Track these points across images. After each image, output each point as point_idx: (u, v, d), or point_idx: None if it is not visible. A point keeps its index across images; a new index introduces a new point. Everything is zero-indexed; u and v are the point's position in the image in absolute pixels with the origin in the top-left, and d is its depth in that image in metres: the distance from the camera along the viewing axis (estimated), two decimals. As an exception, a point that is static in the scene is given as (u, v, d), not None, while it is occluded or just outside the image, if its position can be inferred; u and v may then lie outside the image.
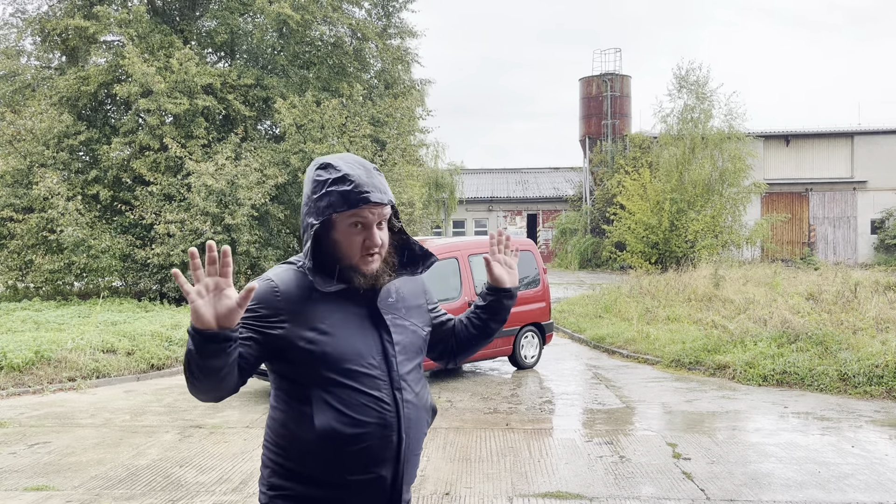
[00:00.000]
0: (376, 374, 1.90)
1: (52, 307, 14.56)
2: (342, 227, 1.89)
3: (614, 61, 36.29)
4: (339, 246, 1.90)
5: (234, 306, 1.65)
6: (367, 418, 1.86)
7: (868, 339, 9.74)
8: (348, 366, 1.87)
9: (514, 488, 5.37)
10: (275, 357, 1.89)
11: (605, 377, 9.88)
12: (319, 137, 17.47)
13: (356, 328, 1.91)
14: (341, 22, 20.20)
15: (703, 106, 26.37)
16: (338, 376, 1.85)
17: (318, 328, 1.86)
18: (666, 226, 24.45)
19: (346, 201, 1.86)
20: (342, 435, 1.84)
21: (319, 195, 1.89)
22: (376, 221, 1.90)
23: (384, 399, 1.89)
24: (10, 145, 17.06)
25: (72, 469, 5.89)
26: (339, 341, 1.87)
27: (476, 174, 42.90)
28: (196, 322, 1.64)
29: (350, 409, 1.85)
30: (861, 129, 33.95)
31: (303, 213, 1.97)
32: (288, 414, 1.90)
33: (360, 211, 1.87)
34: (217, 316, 1.64)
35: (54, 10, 19.70)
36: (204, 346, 1.65)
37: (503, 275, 2.21)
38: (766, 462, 5.97)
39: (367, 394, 1.87)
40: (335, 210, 1.86)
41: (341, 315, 1.90)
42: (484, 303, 2.22)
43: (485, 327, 2.22)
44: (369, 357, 1.90)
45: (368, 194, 1.86)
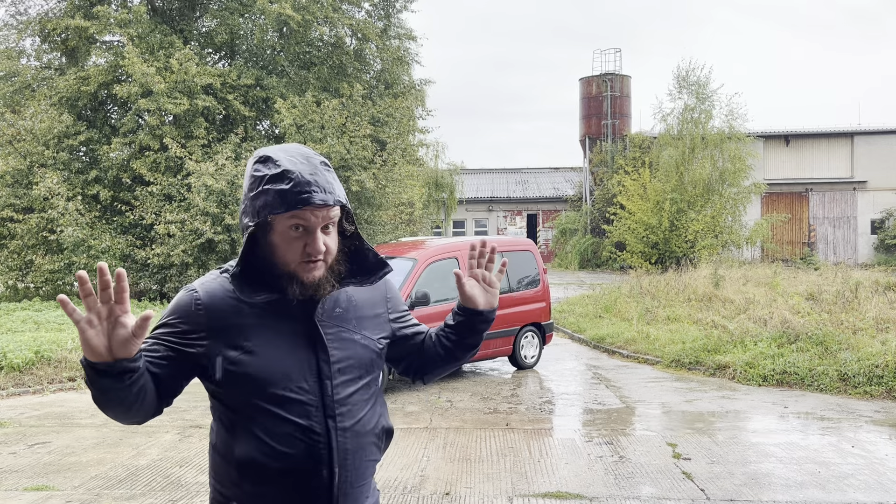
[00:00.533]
0: (306, 400, 1.68)
1: (52, 307, 14.56)
2: (280, 230, 1.66)
3: (614, 61, 36.31)
4: (276, 250, 1.68)
5: (128, 336, 1.46)
6: (291, 450, 1.66)
7: (868, 339, 9.74)
8: (274, 390, 1.66)
9: (514, 488, 5.37)
10: (199, 375, 1.72)
11: (605, 377, 9.88)
12: (319, 137, 17.47)
13: (287, 346, 1.70)
14: (341, 22, 20.20)
15: (703, 106, 26.38)
16: (262, 402, 1.66)
17: (241, 346, 1.66)
18: (666, 226, 24.45)
19: (284, 202, 1.61)
20: (263, 468, 1.67)
21: (255, 193, 1.66)
22: (320, 225, 1.66)
23: (313, 428, 1.67)
24: (10, 145, 17.06)
25: (72, 469, 5.89)
26: (265, 362, 1.67)
27: (476, 174, 42.91)
28: (87, 354, 1.46)
29: (273, 440, 1.66)
30: (861, 129, 33.95)
31: (240, 212, 1.74)
32: (217, 438, 1.76)
33: (301, 213, 1.63)
34: (109, 346, 1.46)
35: (54, 11, 19.71)
36: (97, 380, 1.48)
37: (476, 295, 1.90)
38: (766, 462, 5.97)
39: (293, 422, 1.66)
40: (272, 211, 1.62)
41: (271, 332, 1.69)
42: (453, 322, 1.94)
43: (453, 349, 1.96)
44: (300, 380, 1.68)
45: (310, 195, 1.62)
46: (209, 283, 1.73)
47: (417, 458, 6.14)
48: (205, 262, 15.92)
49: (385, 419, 1.87)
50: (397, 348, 1.95)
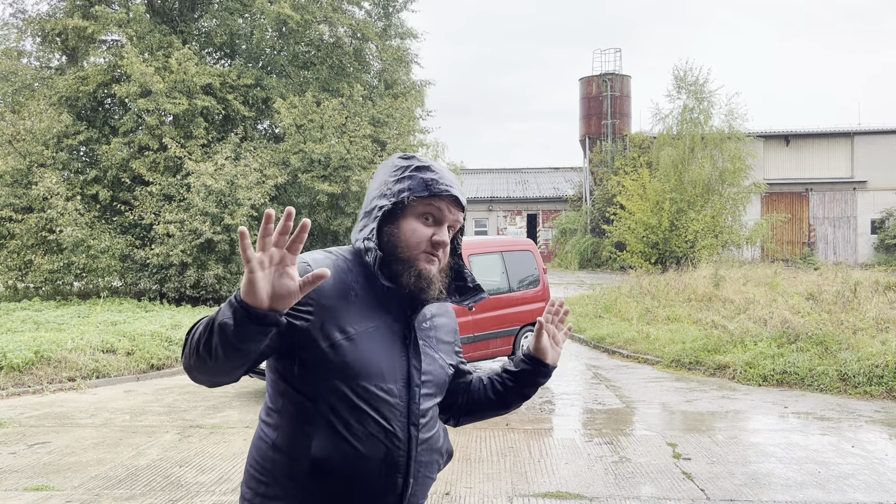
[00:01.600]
0: (394, 403, 1.63)
1: (52, 307, 14.56)
2: (412, 215, 1.68)
3: (614, 61, 36.31)
4: (401, 235, 1.67)
5: (294, 289, 1.38)
6: (372, 452, 1.60)
7: (868, 339, 9.74)
8: (366, 384, 1.60)
9: (514, 488, 5.37)
10: (286, 353, 1.62)
11: (605, 377, 9.87)
12: (319, 137, 17.47)
13: (386, 343, 1.66)
14: (341, 22, 20.21)
15: (702, 106, 26.38)
16: (351, 393, 1.59)
17: (345, 331, 1.60)
18: (666, 226, 24.45)
19: (427, 188, 1.67)
20: (339, 466, 1.59)
21: (398, 178, 1.70)
22: (449, 223, 1.70)
23: (397, 433, 1.63)
24: (10, 145, 17.06)
25: (72, 469, 5.89)
26: (365, 352, 1.61)
27: (476, 174, 42.91)
28: (247, 297, 1.36)
29: (355, 438, 1.59)
30: (861, 129, 33.95)
31: (369, 198, 1.75)
32: (281, 435, 1.64)
33: (438, 202, 1.68)
34: (273, 295, 1.37)
35: (54, 10, 19.71)
36: (246, 326, 1.38)
37: (549, 348, 1.95)
38: (766, 462, 5.96)
39: (377, 422, 1.60)
40: (413, 194, 1.66)
41: (373, 324, 1.65)
42: (516, 369, 1.95)
43: (506, 396, 1.95)
44: (391, 380, 1.64)
45: (452, 188, 1.69)
46: (320, 259, 1.66)
47: (417, 458, 6.12)
48: (204, 262, 15.92)
49: (448, 440, 1.84)
50: (451, 383, 1.90)
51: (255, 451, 1.70)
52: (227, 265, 16.26)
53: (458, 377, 1.94)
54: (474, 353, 9.59)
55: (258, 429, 1.72)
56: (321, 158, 17.40)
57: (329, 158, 17.34)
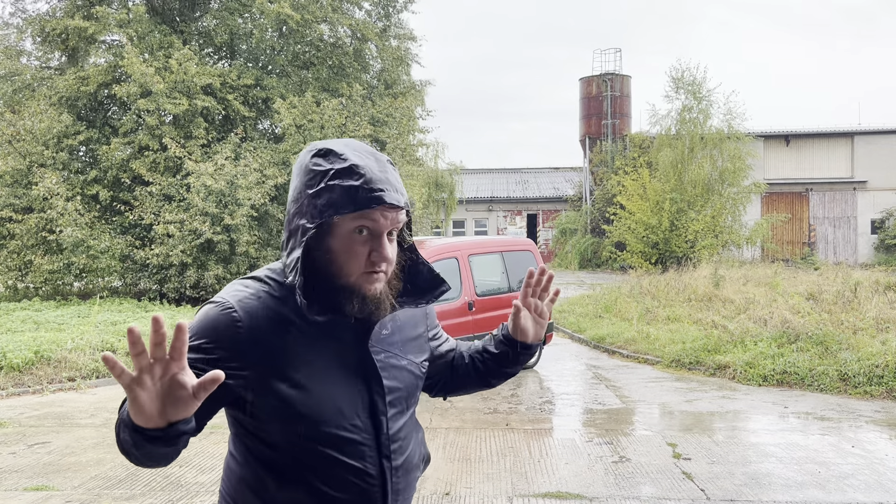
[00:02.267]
0: (360, 439, 1.49)
1: (52, 307, 14.55)
2: (342, 233, 1.44)
3: (614, 61, 36.31)
4: (334, 258, 1.45)
5: (188, 397, 1.19)
6: (344, 495, 1.47)
7: (868, 339, 9.74)
8: (326, 429, 1.45)
9: (514, 488, 5.37)
10: (231, 405, 1.47)
11: (605, 377, 9.87)
12: (319, 137, 17.47)
13: (339, 378, 1.48)
14: (341, 22, 20.21)
15: (700, 106, 26.38)
16: (313, 442, 1.45)
17: (291, 379, 1.43)
18: (666, 226, 24.45)
19: (353, 200, 1.41)
20: None
21: (316, 190, 1.43)
22: (388, 229, 1.46)
23: (368, 471, 1.49)
24: (10, 145, 17.06)
25: (71, 469, 5.89)
26: (317, 397, 1.44)
27: (476, 174, 42.90)
28: (136, 419, 1.20)
29: (325, 485, 1.46)
30: (861, 129, 33.94)
31: (290, 212, 1.50)
32: (247, 470, 1.51)
33: (371, 213, 1.43)
34: (163, 410, 1.20)
35: (54, 10, 19.71)
36: (143, 445, 1.24)
37: (528, 327, 1.75)
38: (767, 462, 5.96)
39: (346, 465, 1.47)
40: (337, 211, 1.41)
41: (321, 360, 1.47)
42: (496, 351, 1.78)
43: (487, 376, 1.81)
44: (353, 417, 1.48)
45: (382, 193, 1.42)
46: (246, 298, 1.45)
47: (417, 458, 6.12)
48: (204, 263, 15.91)
49: (424, 446, 1.70)
50: (430, 367, 1.76)
51: (226, 478, 1.58)
52: (227, 265, 16.26)
53: (439, 359, 1.79)
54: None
55: (227, 455, 1.58)
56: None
57: (329, 158, 17.33)
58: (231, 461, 1.56)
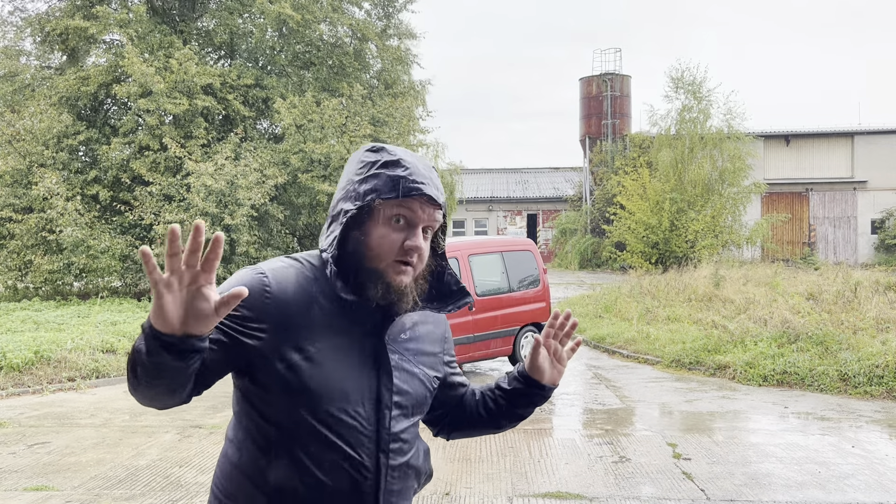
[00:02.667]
0: (360, 427, 1.48)
1: (52, 307, 14.56)
2: (381, 219, 1.50)
3: (614, 61, 36.31)
4: (369, 242, 1.50)
5: (210, 312, 1.23)
6: (336, 483, 1.47)
7: (868, 339, 9.73)
8: (329, 408, 1.46)
9: (514, 488, 5.37)
10: (241, 371, 1.49)
11: (605, 377, 9.87)
12: (319, 137, 17.47)
13: (352, 362, 1.50)
14: (341, 22, 20.21)
15: (700, 106, 26.38)
16: (313, 419, 1.45)
17: (305, 351, 1.45)
18: (666, 226, 24.45)
19: (395, 188, 1.48)
20: (301, 500, 1.47)
21: (364, 177, 1.52)
22: (424, 224, 1.51)
23: (364, 462, 1.48)
24: (10, 145, 17.06)
25: (71, 469, 5.88)
26: (327, 374, 1.46)
27: (476, 174, 42.90)
28: (156, 321, 1.23)
29: (318, 468, 1.46)
30: (861, 129, 33.94)
31: (336, 198, 1.57)
32: (243, 453, 1.52)
33: (409, 203, 1.49)
34: (185, 319, 1.23)
35: (54, 10, 19.71)
36: (158, 353, 1.25)
37: (545, 368, 1.72)
38: (767, 462, 5.96)
39: (342, 450, 1.46)
40: (380, 195, 1.48)
41: (338, 341, 1.49)
42: (508, 387, 1.75)
43: (498, 416, 1.77)
44: (357, 403, 1.48)
45: (423, 185, 1.50)
46: (280, 269, 1.50)
47: (417, 458, 6.12)
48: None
49: (428, 462, 1.68)
50: (439, 395, 1.74)
51: (219, 470, 1.58)
52: (227, 266, 16.25)
53: (450, 389, 1.77)
54: (475, 353, 9.59)
55: (224, 446, 1.59)
56: (321, 158, 17.41)
57: (329, 158, 17.34)
58: (228, 448, 1.56)
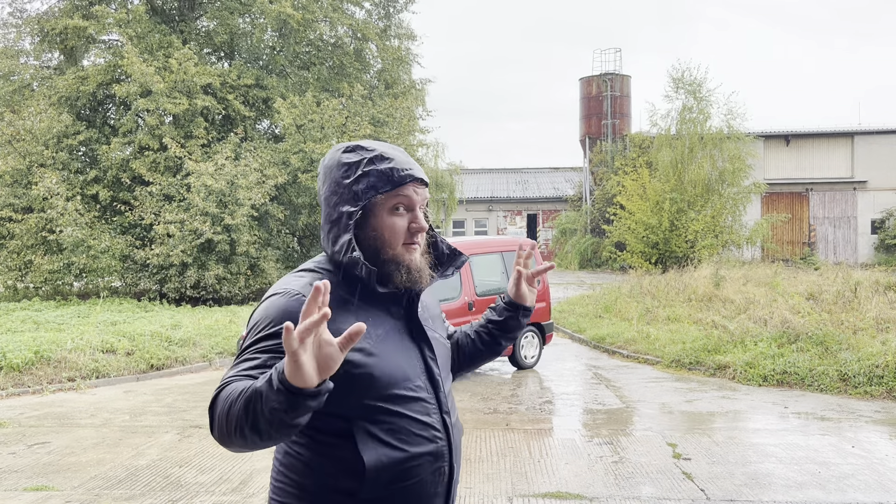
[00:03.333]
0: (424, 397, 1.65)
1: (52, 307, 14.56)
2: (382, 213, 1.64)
3: (614, 61, 36.30)
4: (379, 234, 1.63)
5: (337, 353, 1.28)
6: (420, 449, 1.61)
7: (868, 339, 9.73)
8: (396, 390, 1.60)
9: (514, 488, 5.37)
10: None
11: (605, 377, 9.87)
12: (319, 137, 17.47)
13: (399, 344, 1.65)
14: (341, 22, 20.21)
15: (700, 106, 26.37)
16: (385, 403, 1.58)
17: (360, 348, 1.55)
18: (666, 226, 24.44)
19: (390, 180, 1.62)
20: (395, 472, 1.57)
21: (354, 178, 1.62)
22: (420, 204, 1.67)
23: (435, 425, 1.65)
24: (10, 145, 17.06)
25: (71, 469, 5.88)
26: (386, 361, 1.59)
27: (476, 174, 42.90)
28: (296, 381, 1.26)
29: (401, 441, 1.59)
30: (861, 129, 33.94)
31: (331, 204, 1.67)
32: (317, 450, 1.59)
33: (405, 189, 1.64)
34: (318, 369, 1.28)
35: (53, 10, 19.71)
36: (302, 406, 1.29)
37: (527, 292, 2.03)
38: (767, 462, 5.96)
39: (418, 420, 1.62)
40: (378, 191, 1.61)
41: (382, 330, 1.62)
42: (500, 318, 2.02)
43: (495, 343, 2.04)
44: (416, 378, 1.65)
45: (412, 171, 1.65)
46: (306, 283, 1.60)
47: (417, 458, 6.12)
48: (204, 263, 15.91)
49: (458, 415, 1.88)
50: None
51: (283, 467, 1.65)
52: (228, 265, 16.25)
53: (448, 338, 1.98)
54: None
55: (280, 454, 1.67)
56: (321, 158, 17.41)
57: (329, 158, 17.34)
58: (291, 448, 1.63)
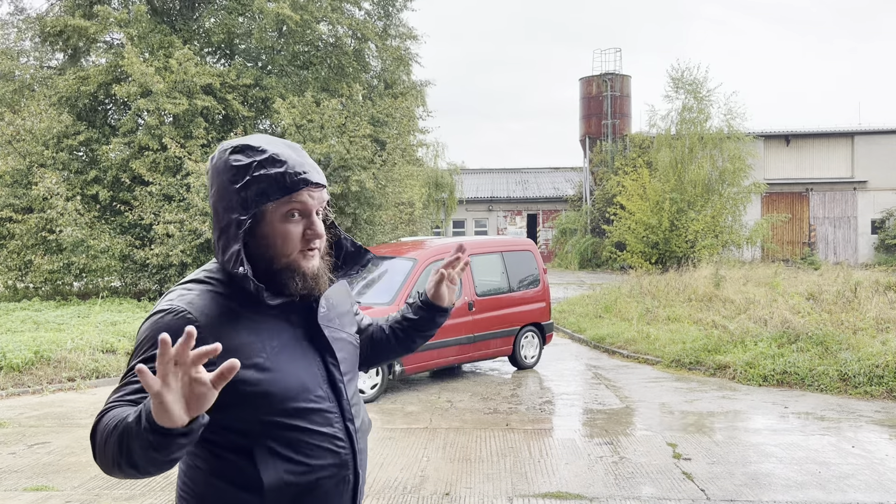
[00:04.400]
0: (326, 407, 1.59)
1: (52, 307, 14.55)
2: (275, 219, 1.53)
3: (614, 61, 36.30)
4: (271, 242, 1.54)
5: (209, 390, 1.22)
6: (323, 461, 1.57)
7: (868, 339, 9.73)
8: (294, 404, 1.53)
9: (514, 488, 5.37)
10: None
11: (605, 377, 9.87)
12: (319, 137, 17.47)
13: (297, 355, 1.57)
14: (341, 22, 20.20)
15: (700, 106, 26.37)
16: (283, 418, 1.52)
17: (256, 364, 1.49)
18: (666, 226, 24.45)
19: (282, 186, 1.50)
20: (297, 487, 1.54)
21: (243, 183, 1.51)
22: (316, 208, 1.56)
23: (338, 435, 1.60)
24: (10, 145, 17.05)
25: (71, 469, 5.88)
26: (281, 375, 1.52)
27: (476, 174, 42.90)
28: (161, 420, 1.21)
29: (303, 455, 1.54)
30: (861, 129, 33.95)
31: (218, 210, 1.56)
32: (220, 461, 1.53)
33: (299, 195, 1.52)
34: (187, 407, 1.22)
35: (53, 9, 19.70)
36: (172, 445, 1.24)
37: (445, 293, 1.97)
38: (767, 462, 5.96)
39: (319, 433, 1.56)
40: (269, 198, 1.50)
41: (277, 341, 1.55)
42: (415, 316, 1.97)
43: (409, 340, 1.99)
44: (316, 388, 1.58)
45: (307, 174, 1.53)
46: (195, 300, 1.51)
47: (417, 458, 6.13)
48: (204, 262, 15.89)
49: (366, 412, 1.83)
50: None
51: (186, 478, 1.60)
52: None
53: (362, 333, 1.95)
54: (474, 353, 9.58)
55: (182, 466, 1.61)
56: (321, 158, 17.40)
57: (329, 158, 17.34)
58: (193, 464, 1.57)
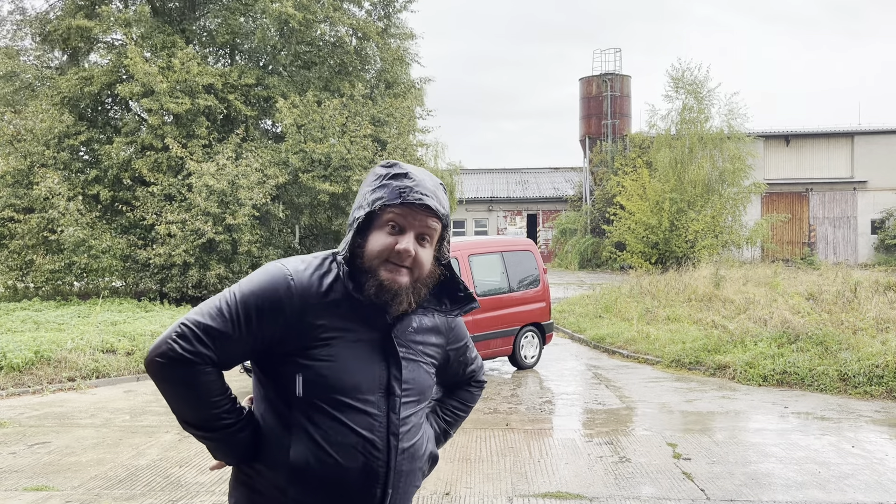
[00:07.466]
0: (373, 413, 1.65)
1: (52, 307, 14.56)
2: (378, 224, 1.67)
3: (614, 61, 36.29)
4: (367, 242, 1.67)
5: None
6: (350, 462, 1.62)
7: (868, 339, 9.73)
8: (341, 397, 1.62)
9: (514, 488, 5.37)
10: (262, 358, 1.68)
11: (605, 377, 9.87)
12: (320, 137, 17.48)
13: (363, 355, 1.66)
14: (342, 22, 20.20)
15: (701, 106, 26.37)
16: (329, 406, 1.61)
17: (320, 346, 1.63)
18: (666, 226, 24.45)
19: (399, 195, 1.65)
20: (317, 475, 1.61)
21: (374, 188, 1.70)
22: (417, 231, 1.66)
23: (375, 444, 1.64)
24: (11, 145, 17.06)
25: (71, 469, 5.89)
26: (340, 368, 1.63)
27: (476, 174, 42.89)
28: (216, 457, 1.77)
29: (332, 447, 1.61)
30: (861, 129, 33.93)
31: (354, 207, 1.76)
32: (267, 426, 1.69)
33: (405, 210, 1.65)
34: None
35: (54, 9, 19.70)
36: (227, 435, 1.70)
37: None
38: (767, 462, 5.96)
39: (356, 433, 1.62)
40: (384, 203, 1.65)
41: (351, 336, 1.66)
42: None
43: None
44: (369, 392, 1.65)
45: (423, 197, 1.65)
46: (301, 271, 1.68)
47: (417, 458, 6.12)
48: (206, 262, 15.92)
49: (433, 445, 1.88)
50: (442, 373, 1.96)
51: None
52: (230, 265, 16.27)
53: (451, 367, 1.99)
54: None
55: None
56: (322, 158, 17.42)
57: (330, 158, 17.35)
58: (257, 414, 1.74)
